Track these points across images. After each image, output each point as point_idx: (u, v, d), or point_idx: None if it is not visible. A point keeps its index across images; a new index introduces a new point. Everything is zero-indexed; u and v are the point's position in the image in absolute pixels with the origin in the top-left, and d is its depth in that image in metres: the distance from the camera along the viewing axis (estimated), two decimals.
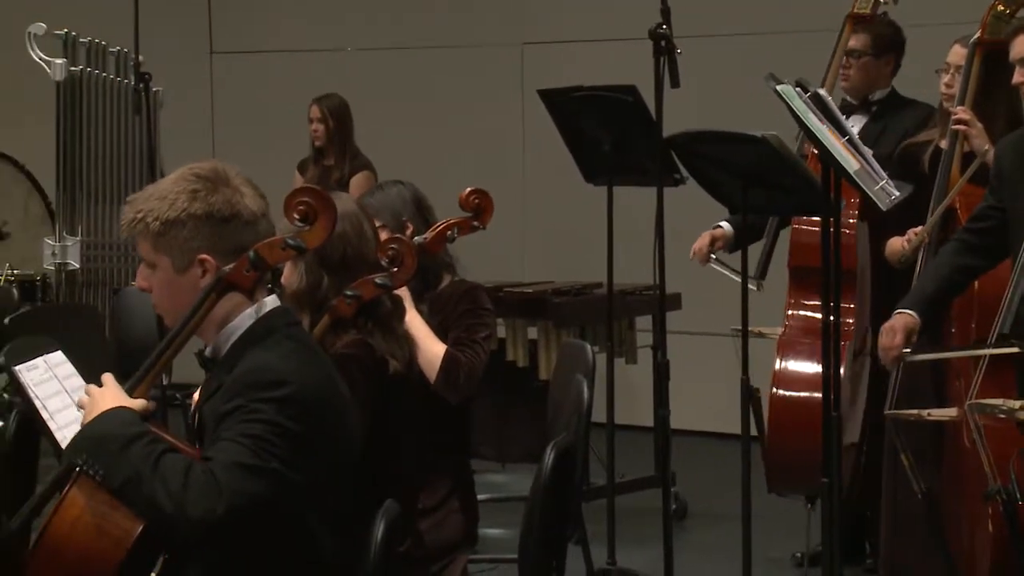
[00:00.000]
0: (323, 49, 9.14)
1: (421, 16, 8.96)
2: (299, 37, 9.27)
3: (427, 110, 8.80)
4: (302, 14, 9.31)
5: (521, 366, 6.33)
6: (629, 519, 5.99)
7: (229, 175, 2.89)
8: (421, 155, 8.11)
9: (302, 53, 9.20)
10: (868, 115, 5.60)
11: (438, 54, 8.85)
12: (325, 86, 7.92)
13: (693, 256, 5.62)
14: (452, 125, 8.71)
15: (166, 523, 2.64)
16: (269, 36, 9.39)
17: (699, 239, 5.64)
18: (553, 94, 5.90)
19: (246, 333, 2.87)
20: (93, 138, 7.44)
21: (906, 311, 4.34)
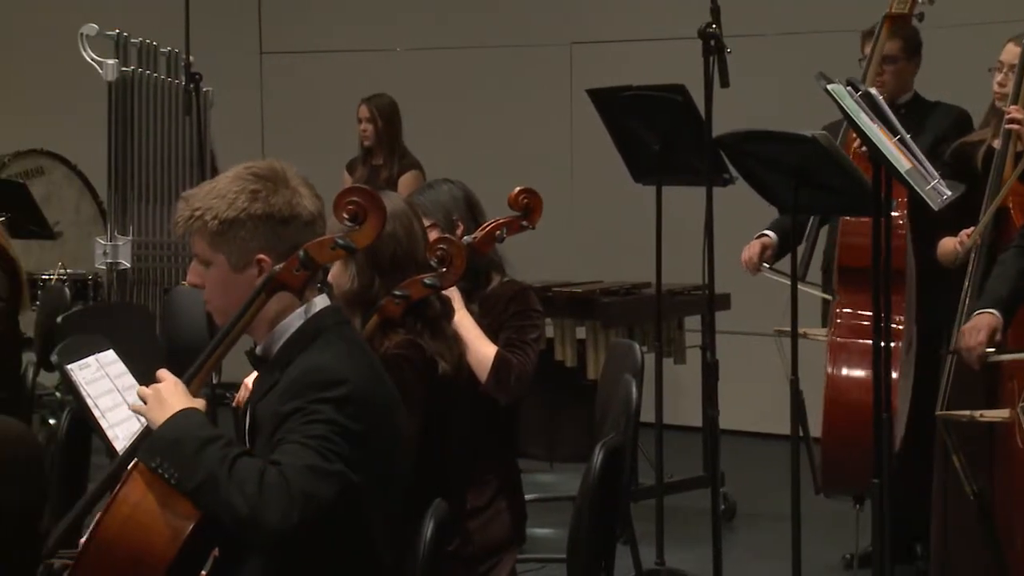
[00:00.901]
0: (372, 49, 9.17)
1: (470, 16, 8.97)
2: (348, 37, 9.29)
3: (476, 110, 8.81)
4: (351, 14, 9.34)
5: (569, 366, 6.33)
6: (677, 519, 5.98)
7: (287, 175, 2.90)
8: (469, 155, 8.12)
9: (351, 53, 9.22)
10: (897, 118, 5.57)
11: (487, 54, 8.86)
12: (374, 86, 7.94)
13: (744, 266, 5.60)
14: (501, 125, 8.72)
15: (242, 527, 2.65)
16: (318, 36, 9.42)
17: (748, 249, 5.62)
18: (602, 94, 5.89)
19: (296, 333, 2.88)
20: (144, 138, 7.49)
21: (988, 310, 4.30)
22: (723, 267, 5.37)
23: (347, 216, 2.92)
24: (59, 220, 8.17)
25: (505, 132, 8.69)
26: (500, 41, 8.82)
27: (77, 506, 2.82)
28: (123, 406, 3.56)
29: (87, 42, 7.18)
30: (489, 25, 8.91)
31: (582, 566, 3.35)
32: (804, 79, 5.03)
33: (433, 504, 2.99)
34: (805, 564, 4.70)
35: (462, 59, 8.92)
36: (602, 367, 4.87)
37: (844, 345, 5.14)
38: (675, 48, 7.09)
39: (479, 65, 8.87)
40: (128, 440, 3.03)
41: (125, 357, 3.67)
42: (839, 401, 5.05)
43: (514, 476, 4.24)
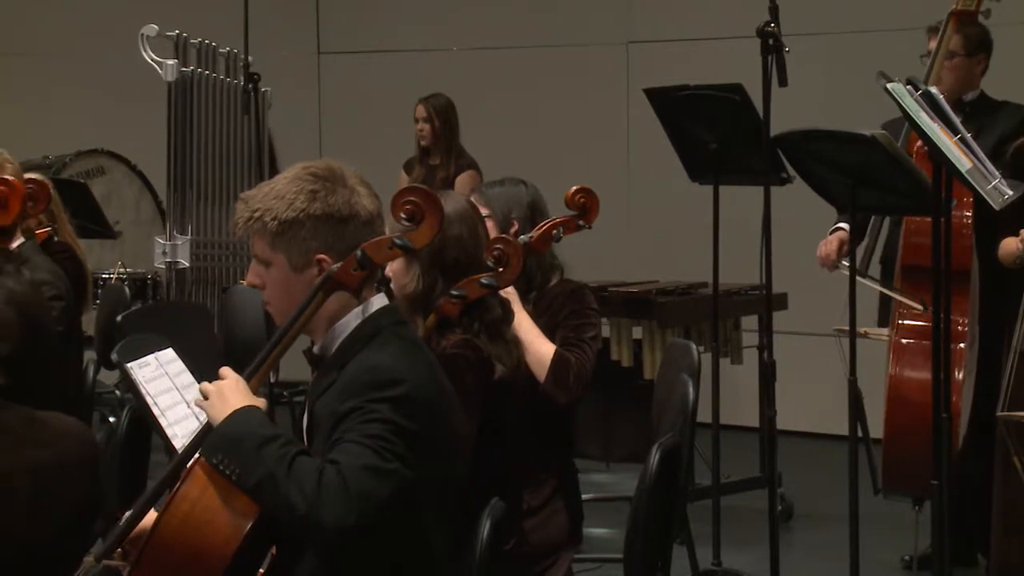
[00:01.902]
0: (429, 49, 9.18)
1: (526, 15, 8.97)
2: (405, 37, 9.32)
3: (532, 109, 8.81)
4: (409, 14, 9.36)
5: (626, 366, 6.31)
6: (734, 520, 5.96)
7: (345, 175, 2.91)
8: (526, 154, 8.12)
9: (408, 53, 9.25)
10: (961, 116, 5.52)
11: (543, 53, 8.86)
12: (431, 86, 7.96)
13: (821, 263, 5.56)
14: (557, 124, 8.72)
15: (300, 525, 2.66)
16: (376, 36, 9.45)
17: (824, 244, 5.57)
18: (659, 93, 5.88)
19: (354, 332, 2.89)
20: (203, 138, 7.54)
21: None
22: (780, 266, 5.35)
23: (404, 216, 2.93)
24: (119, 219, 8.24)
25: (562, 131, 8.68)
26: (557, 40, 8.82)
27: (137, 504, 2.84)
28: (182, 404, 3.58)
29: (147, 43, 7.24)
30: (546, 25, 8.91)
31: (639, 566, 3.34)
32: (863, 77, 5.01)
33: (490, 503, 2.99)
34: (863, 565, 4.67)
35: (519, 58, 8.93)
36: (659, 367, 4.86)
37: (907, 346, 5.11)
38: (732, 47, 7.07)
39: (536, 64, 8.86)
40: (187, 438, 3.05)
41: (184, 355, 3.69)
42: (901, 402, 5.03)
43: (571, 476, 4.23)
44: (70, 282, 4.34)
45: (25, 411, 2.30)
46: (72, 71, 9.22)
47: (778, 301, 6.23)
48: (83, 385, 4.74)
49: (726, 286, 6.20)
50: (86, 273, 5.56)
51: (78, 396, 4.66)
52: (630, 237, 8.50)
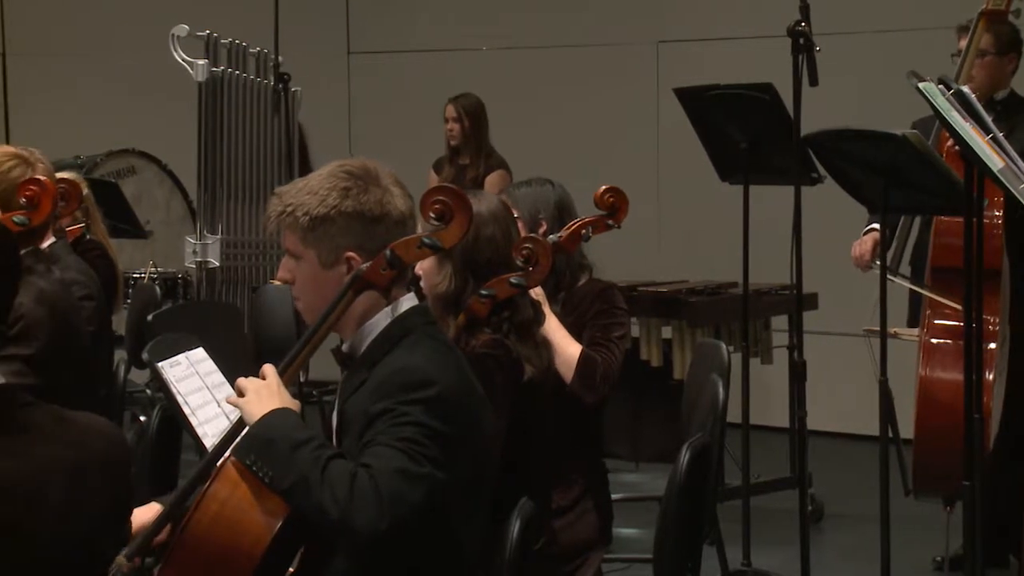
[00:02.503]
0: (459, 49, 9.19)
1: (556, 15, 8.97)
2: (435, 37, 9.32)
3: (562, 109, 8.81)
4: (438, 14, 9.37)
5: (655, 365, 6.31)
6: (764, 520, 5.94)
7: (379, 174, 2.91)
8: (555, 154, 8.11)
9: (438, 53, 9.25)
10: (992, 115, 5.49)
11: (573, 53, 8.85)
12: (461, 85, 7.97)
13: (855, 263, 5.54)
14: (586, 124, 8.71)
15: (332, 529, 2.67)
16: (406, 36, 9.46)
17: (858, 245, 5.56)
18: (689, 93, 5.87)
19: (384, 331, 2.89)
20: (233, 138, 7.55)
21: None
22: (810, 266, 5.33)
23: (434, 215, 2.93)
24: (150, 219, 8.27)
25: (591, 131, 8.68)
26: (586, 40, 8.82)
27: (167, 503, 2.84)
28: (212, 404, 3.59)
29: (178, 43, 7.26)
30: (575, 24, 8.90)
31: (668, 566, 3.33)
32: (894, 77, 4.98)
33: (519, 503, 2.99)
34: (894, 567, 4.65)
35: (548, 58, 8.92)
36: (688, 367, 4.85)
37: (937, 346, 5.09)
38: (762, 46, 7.05)
39: (565, 64, 8.86)
40: (217, 437, 3.05)
41: (214, 355, 3.69)
42: (932, 402, 5.00)
43: (600, 476, 4.23)
44: (101, 280, 4.36)
45: (55, 410, 2.31)
46: (104, 71, 9.26)
47: (808, 301, 6.21)
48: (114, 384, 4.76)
49: (756, 286, 6.19)
50: (117, 271, 5.58)
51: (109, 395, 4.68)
52: (660, 237, 8.49)
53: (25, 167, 3.69)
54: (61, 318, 3.64)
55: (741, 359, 5.72)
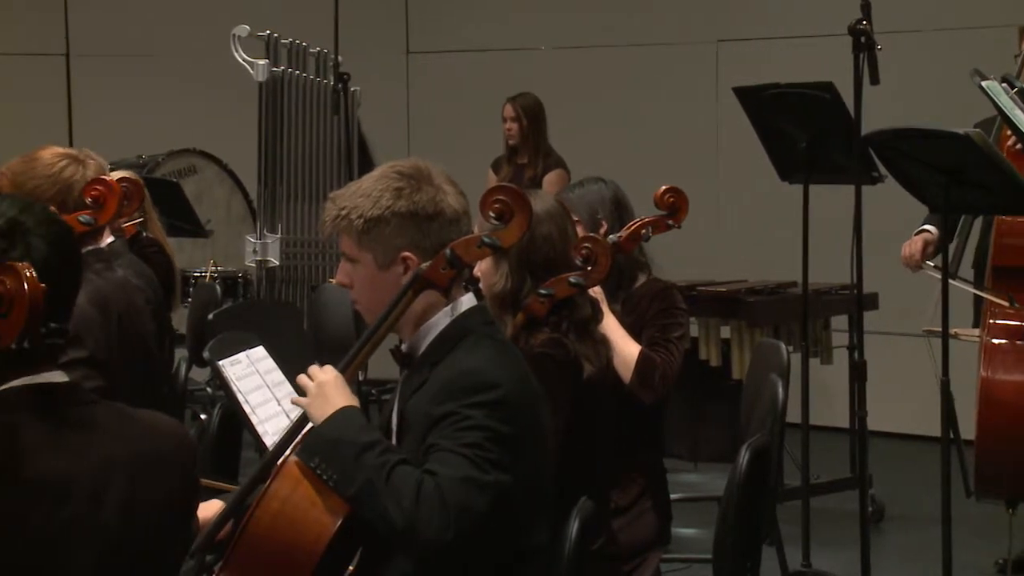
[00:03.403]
0: (518, 48, 9.20)
1: (615, 14, 8.95)
2: (494, 36, 9.33)
3: (621, 108, 8.80)
4: (497, 13, 9.38)
5: (714, 365, 6.29)
6: (824, 521, 5.92)
7: (432, 173, 2.91)
8: (614, 153, 8.11)
9: (496, 52, 9.26)
10: None
11: (632, 52, 8.84)
12: (519, 85, 7.97)
13: (905, 263, 5.51)
14: (646, 123, 8.69)
15: (397, 539, 2.66)
16: (464, 35, 9.47)
17: (908, 244, 5.52)
18: (749, 92, 5.86)
19: (443, 332, 2.89)
20: (293, 137, 7.60)
21: None
22: (871, 266, 5.30)
23: (493, 215, 2.93)
24: (210, 218, 8.31)
25: (650, 130, 8.66)
26: (646, 39, 8.80)
27: (229, 503, 2.86)
28: (272, 402, 3.61)
29: (239, 43, 7.30)
30: (635, 23, 8.89)
31: (728, 567, 3.32)
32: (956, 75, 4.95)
33: (578, 503, 2.99)
34: (956, 569, 4.61)
35: (607, 57, 8.91)
36: (747, 367, 4.83)
37: (998, 346, 5.05)
38: (823, 45, 7.01)
39: (624, 63, 8.85)
40: (277, 435, 3.07)
41: (273, 353, 3.71)
42: (994, 403, 4.97)
43: (659, 475, 4.22)
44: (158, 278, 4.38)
45: (119, 407, 2.32)
46: (165, 72, 9.33)
47: (869, 301, 6.17)
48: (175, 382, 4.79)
49: (816, 285, 6.16)
50: (174, 267, 5.62)
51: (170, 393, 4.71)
52: (719, 236, 8.46)
53: (77, 166, 3.71)
54: (116, 318, 3.66)
55: (801, 359, 5.69)
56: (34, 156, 3.72)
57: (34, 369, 2.22)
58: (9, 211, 2.22)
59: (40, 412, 2.20)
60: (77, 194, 3.66)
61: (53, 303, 2.14)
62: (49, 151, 3.74)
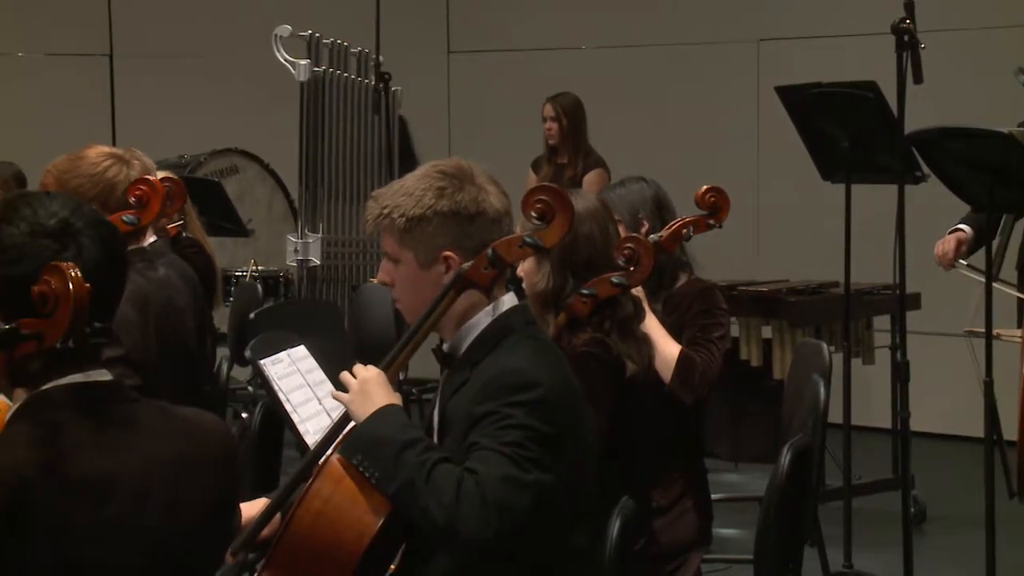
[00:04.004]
0: (558, 47, 9.19)
1: (656, 13, 8.94)
2: (534, 36, 9.33)
3: (661, 108, 8.78)
4: (538, 13, 9.38)
5: (755, 365, 6.27)
6: (866, 522, 5.89)
7: (474, 172, 2.91)
8: (655, 153, 8.10)
9: (537, 52, 9.26)
10: None
11: (673, 51, 8.82)
12: (560, 84, 7.96)
13: (938, 261, 5.48)
14: (687, 123, 8.67)
15: (438, 536, 2.67)
16: (505, 35, 9.48)
17: (941, 243, 5.49)
18: (791, 91, 5.84)
19: (485, 331, 2.89)
20: (334, 137, 7.61)
21: None
22: (913, 266, 5.27)
23: (535, 214, 2.93)
24: (252, 218, 8.34)
25: (691, 130, 8.64)
26: (686, 38, 8.78)
27: (272, 501, 2.86)
28: (314, 401, 3.62)
29: (280, 43, 7.32)
30: (675, 22, 8.87)
31: (769, 567, 3.32)
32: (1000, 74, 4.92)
33: (620, 503, 2.98)
34: (999, 570, 4.59)
35: (648, 57, 8.90)
36: (789, 367, 4.82)
37: None
38: (865, 44, 6.98)
39: (665, 63, 8.83)
40: (319, 434, 3.08)
41: (315, 353, 3.72)
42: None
43: (700, 475, 4.21)
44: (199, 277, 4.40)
45: (162, 405, 2.33)
46: (207, 72, 9.37)
47: (911, 301, 6.15)
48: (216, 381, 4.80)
49: (858, 285, 6.13)
50: (215, 267, 5.64)
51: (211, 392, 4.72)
52: (760, 236, 8.43)
53: (121, 166, 3.72)
54: (154, 317, 3.67)
55: (842, 359, 5.67)
56: (80, 155, 3.74)
57: (78, 368, 2.23)
58: (61, 212, 2.23)
59: (84, 410, 2.21)
60: (120, 194, 3.67)
61: (98, 303, 2.16)
62: (95, 150, 3.75)
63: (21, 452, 2.13)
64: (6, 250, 2.19)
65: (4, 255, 2.19)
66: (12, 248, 2.19)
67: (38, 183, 3.85)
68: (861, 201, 5.80)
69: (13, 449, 2.14)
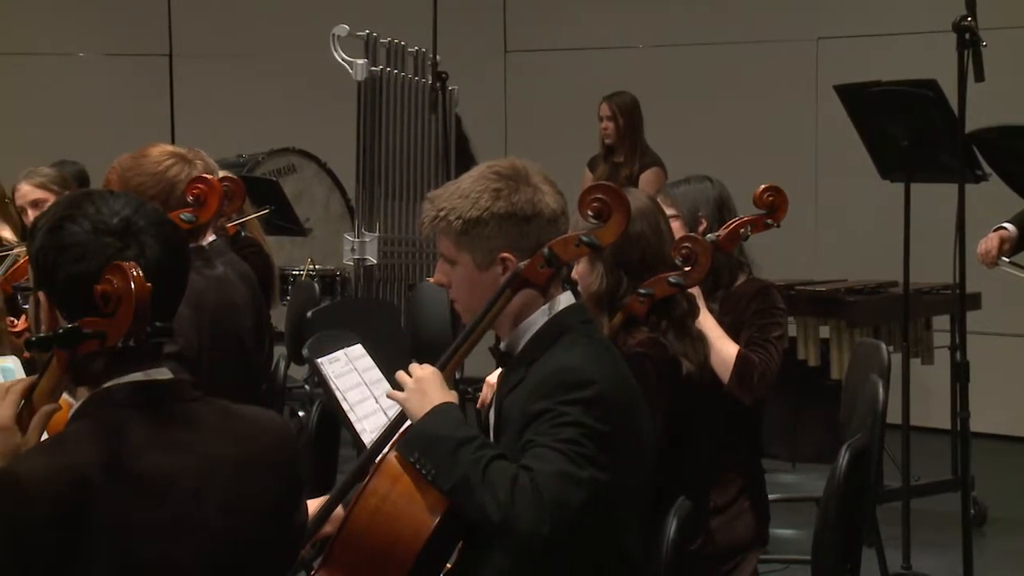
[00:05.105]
0: (615, 47, 9.18)
1: (713, 12, 8.91)
2: (591, 35, 9.33)
3: (719, 107, 8.75)
4: (594, 12, 9.37)
5: (813, 365, 6.24)
6: (925, 523, 5.85)
7: (529, 172, 2.91)
8: (712, 152, 8.07)
9: (593, 51, 9.25)
10: None
11: (730, 50, 8.79)
12: (616, 83, 7.95)
13: (980, 259, 5.43)
14: (744, 121, 8.64)
15: (493, 531, 2.68)
16: (562, 34, 9.48)
17: (985, 241, 5.45)
18: (850, 90, 5.81)
19: (541, 330, 2.89)
20: (391, 136, 7.62)
21: None
22: (973, 266, 5.23)
23: (592, 213, 2.93)
24: (309, 217, 8.38)
25: (749, 129, 8.61)
26: (744, 37, 8.75)
27: (329, 499, 2.88)
28: (371, 400, 3.62)
29: (338, 43, 7.34)
30: (733, 21, 8.84)
31: (827, 568, 3.29)
32: None
33: (677, 502, 2.98)
34: None
35: (705, 55, 8.87)
36: (847, 367, 4.79)
37: None
38: (925, 42, 6.94)
39: (723, 61, 8.80)
40: (376, 433, 3.08)
41: (371, 351, 3.73)
42: None
43: (758, 476, 4.20)
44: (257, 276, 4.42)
45: (224, 405, 2.33)
46: (266, 72, 9.42)
47: (971, 301, 6.10)
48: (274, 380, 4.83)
49: (917, 285, 6.09)
50: (272, 267, 5.66)
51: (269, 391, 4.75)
52: (818, 235, 8.39)
53: (183, 165, 3.73)
54: (208, 315, 3.67)
55: (901, 359, 5.63)
56: (144, 153, 3.74)
57: (139, 367, 2.24)
58: (124, 210, 2.24)
59: (145, 409, 2.22)
60: (180, 193, 3.68)
61: (159, 302, 2.16)
62: (159, 149, 3.76)
63: (82, 450, 2.14)
64: (69, 248, 2.20)
65: (67, 253, 2.20)
66: (76, 246, 2.20)
67: (100, 182, 3.87)
68: (920, 200, 5.77)
69: (74, 447, 2.15)
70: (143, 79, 9.64)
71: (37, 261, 2.24)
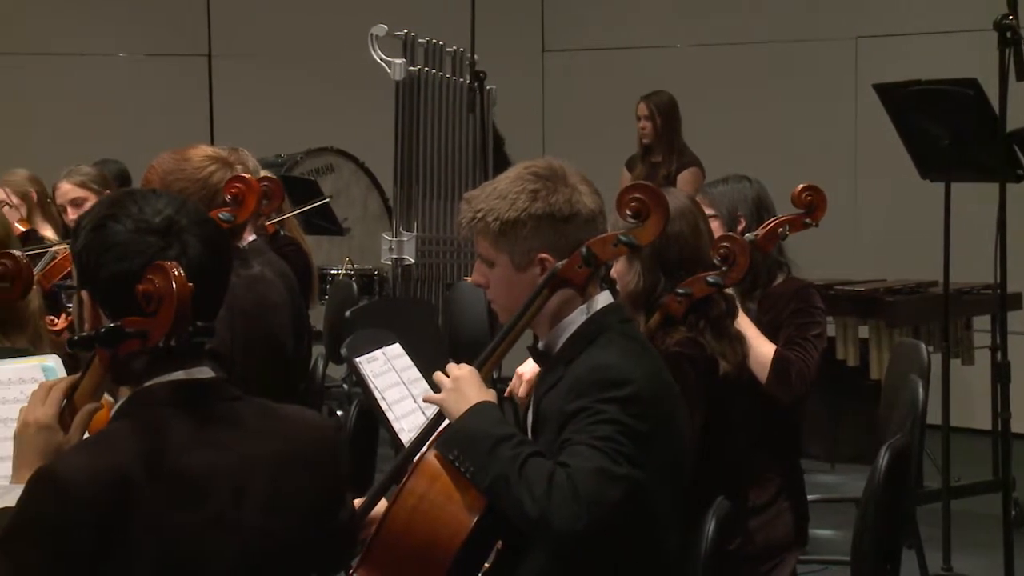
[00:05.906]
0: (652, 46, 9.17)
1: (751, 11, 8.89)
2: (629, 34, 9.31)
3: (757, 106, 8.73)
4: (632, 11, 9.36)
5: (852, 365, 6.22)
6: (965, 524, 5.82)
7: (566, 173, 2.91)
8: (750, 151, 8.05)
9: (631, 50, 9.24)
10: None
11: (769, 49, 8.76)
12: (654, 83, 7.94)
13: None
14: (783, 121, 8.62)
15: (530, 528, 2.68)
16: (599, 34, 9.47)
17: None
18: (889, 88, 5.79)
19: (579, 329, 2.90)
20: (429, 136, 7.63)
21: None
22: (1014, 265, 5.21)
23: (630, 213, 2.93)
24: (347, 216, 8.39)
25: (788, 128, 8.59)
26: (783, 36, 8.72)
27: (367, 497, 2.88)
28: (409, 399, 3.63)
29: (376, 42, 7.35)
30: (772, 20, 8.81)
31: (866, 569, 3.28)
32: None
33: (715, 502, 2.97)
34: None
35: (743, 55, 8.85)
36: (887, 367, 4.77)
37: None
38: (965, 40, 6.90)
39: (761, 60, 8.78)
40: (414, 433, 3.09)
41: (409, 351, 3.73)
42: None
43: (796, 476, 4.18)
44: (296, 275, 4.42)
45: (264, 404, 2.33)
46: (304, 71, 9.45)
47: (1012, 301, 6.07)
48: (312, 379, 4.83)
49: (957, 285, 6.06)
50: (311, 266, 5.68)
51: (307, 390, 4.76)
52: (858, 235, 8.36)
53: (226, 170, 3.71)
54: (240, 313, 3.66)
55: (941, 360, 5.60)
56: (185, 156, 3.72)
57: (181, 366, 2.24)
58: (166, 209, 2.24)
59: (186, 408, 2.22)
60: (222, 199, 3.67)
61: (201, 302, 2.17)
62: (200, 152, 3.73)
63: (123, 449, 2.15)
64: (112, 247, 2.21)
65: (110, 252, 2.20)
66: (118, 245, 2.21)
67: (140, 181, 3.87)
68: (961, 199, 5.73)
69: (115, 446, 2.16)
70: (183, 79, 9.69)
71: (80, 260, 2.25)
